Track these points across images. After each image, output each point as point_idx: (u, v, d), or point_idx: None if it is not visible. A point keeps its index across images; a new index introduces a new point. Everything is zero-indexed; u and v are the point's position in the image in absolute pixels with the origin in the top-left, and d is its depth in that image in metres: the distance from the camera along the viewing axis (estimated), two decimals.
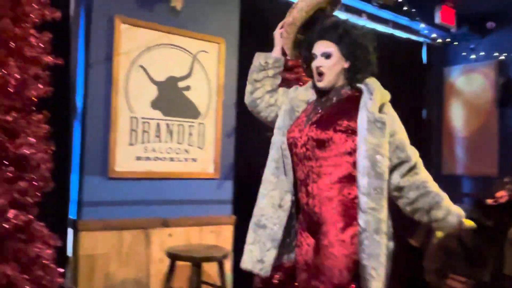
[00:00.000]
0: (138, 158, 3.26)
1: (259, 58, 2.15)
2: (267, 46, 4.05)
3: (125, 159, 3.19)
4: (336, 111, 1.95)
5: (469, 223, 2.03)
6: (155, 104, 3.33)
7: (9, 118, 2.11)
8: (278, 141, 2.01)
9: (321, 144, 1.89)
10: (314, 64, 1.98)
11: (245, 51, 3.82)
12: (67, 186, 3.04)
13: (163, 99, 3.36)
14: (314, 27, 2.03)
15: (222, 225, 3.62)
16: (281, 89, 2.16)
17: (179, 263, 3.02)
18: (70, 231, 3.06)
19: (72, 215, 3.09)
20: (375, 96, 1.89)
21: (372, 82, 1.96)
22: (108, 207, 3.12)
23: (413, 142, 1.96)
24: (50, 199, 2.42)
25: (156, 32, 3.31)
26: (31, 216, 2.21)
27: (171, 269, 2.98)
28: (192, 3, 3.47)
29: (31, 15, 2.23)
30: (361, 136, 1.84)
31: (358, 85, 1.96)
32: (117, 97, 3.15)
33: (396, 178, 1.90)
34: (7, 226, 2.07)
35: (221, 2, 3.67)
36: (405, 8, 4.63)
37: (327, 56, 1.95)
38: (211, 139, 3.60)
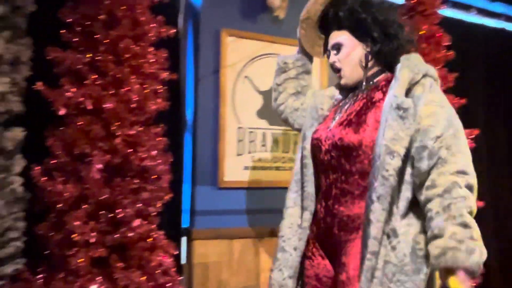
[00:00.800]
0: (246, 168, 3.29)
1: (278, 60, 1.95)
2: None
3: (233, 169, 3.23)
4: (365, 106, 1.60)
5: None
6: (260, 114, 3.35)
7: (132, 132, 2.23)
8: (299, 148, 1.75)
9: (348, 152, 1.54)
10: (329, 62, 1.69)
11: None
12: (180, 196, 3.15)
13: (268, 109, 3.37)
14: None
15: None
16: (310, 91, 1.89)
17: None
18: (183, 240, 3.16)
19: (184, 224, 3.19)
20: (401, 74, 1.50)
21: (404, 58, 1.57)
22: (218, 216, 3.18)
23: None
24: (165, 209, 2.52)
25: (260, 42, 3.34)
26: (153, 226, 2.31)
27: None
28: (295, 12, 3.44)
29: (149, 34, 2.35)
30: (381, 128, 1.48)
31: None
32: (225, 109, 3.21)
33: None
34: (132, 235, 2.18)
35: None
36: None
37: (338, 47, 1.65)
38: None
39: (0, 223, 2.27)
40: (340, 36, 1.64)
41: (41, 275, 2.21)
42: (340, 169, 1.57)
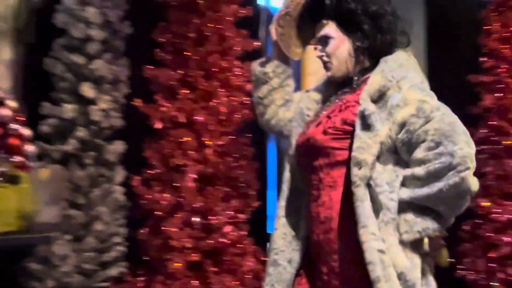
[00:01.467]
0: None
1: (254, 70, 1.64)
2: (455, 50, 3.81)
3: None
4: (344, 105, 1.44)
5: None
6: None
7: (221, 142, 2.34)
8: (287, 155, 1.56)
9: (317, 151, 1.39)
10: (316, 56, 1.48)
11: (433, 57, 3.62)
12: (265, 203, 3.22)
13: None
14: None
15: None
16: (297, 95, 1.66)
17: None
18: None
19: (270, 230, 3.26)
20: (372, 80, 1.35)
21: (383, 60, 1.39)
22: None
23: None
24: (252, 216, 2.60)
25: None
26: (243, 232, 2.40)
27: None
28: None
29: (235, 48, 2.46)
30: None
31: None
32: None
33: None
34: (225, 241, 2.28)
35: (405, 11, 3.52)
36: None
37: (325, 40, 1.45)
38: None
39: (105, 229, 2.48)
40: (327, 29, 1.46)
41: (141, 278, 2.38)
42: (316, 167, 1.41)
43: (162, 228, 2.26)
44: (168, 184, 2.32)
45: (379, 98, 1.34)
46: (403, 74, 1.35)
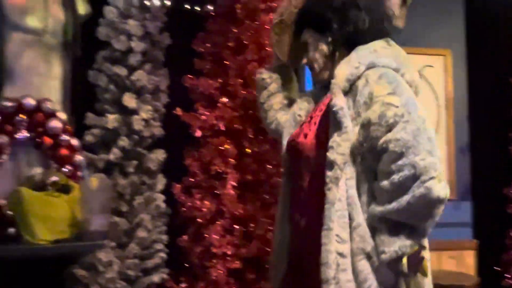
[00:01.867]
0: None
1: (256, 77, 1.66)
2: (496, 51, 3.71)
3: None
4: (323, 104, 1.41)
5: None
6: None
7: (260, 150, 2.36)
8: None
9: (299, 154, 1.37)
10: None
11: (474, 60, 3.53)
12: None
13: None
14: None
15: (463, 250, 3.32)
16: (297, 98, 1.62)
17: None
18: None
19: None
20: (337, 71, 1.30)
21: (354, 50, 1.33)
22: None
23: None
24: None
25: None
26: None
27: None
28: (414, 19, 3.35)
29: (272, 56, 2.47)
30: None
31: None
32: None
33: None
34: (265, 248, 2.28)
35: (445, 12, 3.47)
36: None
37: (306, 46, 1.45)
38: (443, 157, 3.37)
39: (147, 236, 2.53)
40: (304, 35, 1.47)
41: (183, 285, 2.41)
42: (298, 175, 1.40)
43: (204, 235, 2.29)
44: (208, 191, 2.35)
45: (351, 89, 1.28)
46: (372, 60, 1.29)
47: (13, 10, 1.53)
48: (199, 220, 2.32)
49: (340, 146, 1.24)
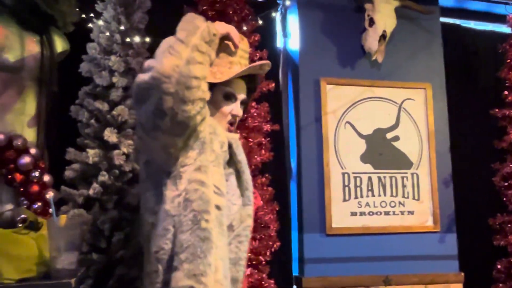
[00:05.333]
0: (353, 214, 3.24)
1: None
2: (475, 84, 3.78)
3: (341, 215, 3.21)
4: None
5: None
6: (364, 158, 3.32)
7: None
8: None
9: None
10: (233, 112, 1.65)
11: (454, 93, 3.60)
12: (289, 244, 3.18)
13: (372, 152, 3.33)
14: None
15: (449, 284, 3.29)
16: None
17: None
18: None
19: (295, 272, 3.20)
20: None
21: None
22: (328, 264, 3.14)
23: None
24: (275, 257, 2.56)
25: (359, 88, 3.36)
26: (264, 275, 2.36)
27: None
28: (393, 54, 3.44)
29: None
30: None
31: None
32: (328, 155, 3.24)
33: None
34: (245, 284, 2.24)
35: (424, 47, 3.55)
36: None
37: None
38: (427, 189, 3.39)
39: (127, 273, 2.47)
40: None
41: None
42: None
43: None
44: None
45: None
46: None
47: None
48: None
49: None
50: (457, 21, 3.87)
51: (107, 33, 2.70)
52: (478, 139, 3.60)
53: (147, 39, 2.68)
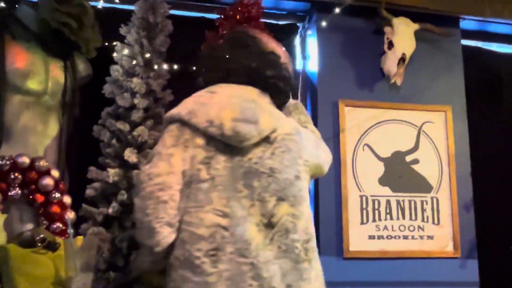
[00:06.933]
0: (371, 237, 3.21)
1: None
2: (497, 106, 3.73)
3: (358, 238, 3.18)
4: None
5: None
6: (382, 181, 3.30)
7: None
8: None
9: None
10: None
11: (475, 115, 3.56)
12: None
13: (390, 175, 3.31)
14: None
15: None
16: None
17: None
18: None
19: None
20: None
21: None
22: None
23: None
24: None
25: (378, 110, 3.36)
26: None
27: None
28: (413, 76, 3.44)
29: None
30: None
31: None
32: (346, 177, 3.23)
33: None
34: None
35: (445, 70, 3.54)
36: None
37: None
38: (447, 214, 3.33)
39: None
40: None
41: None
42: None
43: None
44: None
45: None
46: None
47: (15, 74, 1.62)
48: None
49: None
50: (478, 44, 3.85)
51: (130, 56, 2.79)
52: (500, 163, 3.54)
53: (168, 62, 2.75)
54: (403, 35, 3.28)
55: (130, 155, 2.65)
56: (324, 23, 3.34)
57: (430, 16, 3.43)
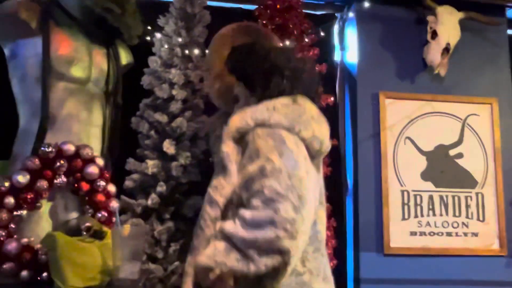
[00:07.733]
0: (413, 234, 3.10)
1: None
2: None
3: (399, 234, 3.08)
4: None
5: None
6: (425, 175, 3.18)
7: None
8: None
9: None
10: None
11: None
12: (344, 263, 3.09)
13: (433, 170, 3.19)
14: None
15: None
16: None
17: None
18: None
19: None
20: (230, 119, 1.39)
21: (263, 101, 1.36)
22: (385, 285, 3.02)
23: None
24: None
25: (420, 102, 3.24)
26: None
27: None
28: (457, 67, 3.30)
29: None
30: None
31: None
32: (387, 171, 3.13)
33: None
34: None
35: (490, 60, 3.39)
36: None
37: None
38: (492, 210, 3.19)
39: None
40: (236, 88, 1.50)
41: None
42: None
43: None
44: None
45: (241, 139, 1.34)
46: (264, 118, 1.32)
47: (59, 61, 1.60)
48: None
49: (224, 189, 1.31)
50: None
51: (168, 47, 2.76)
52: None
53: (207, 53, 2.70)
54: (447, 24, 3.15)
55: (169, 147, 2.63)
56: (363, 12, 3.24)
57: (475, 5, 3.30)
